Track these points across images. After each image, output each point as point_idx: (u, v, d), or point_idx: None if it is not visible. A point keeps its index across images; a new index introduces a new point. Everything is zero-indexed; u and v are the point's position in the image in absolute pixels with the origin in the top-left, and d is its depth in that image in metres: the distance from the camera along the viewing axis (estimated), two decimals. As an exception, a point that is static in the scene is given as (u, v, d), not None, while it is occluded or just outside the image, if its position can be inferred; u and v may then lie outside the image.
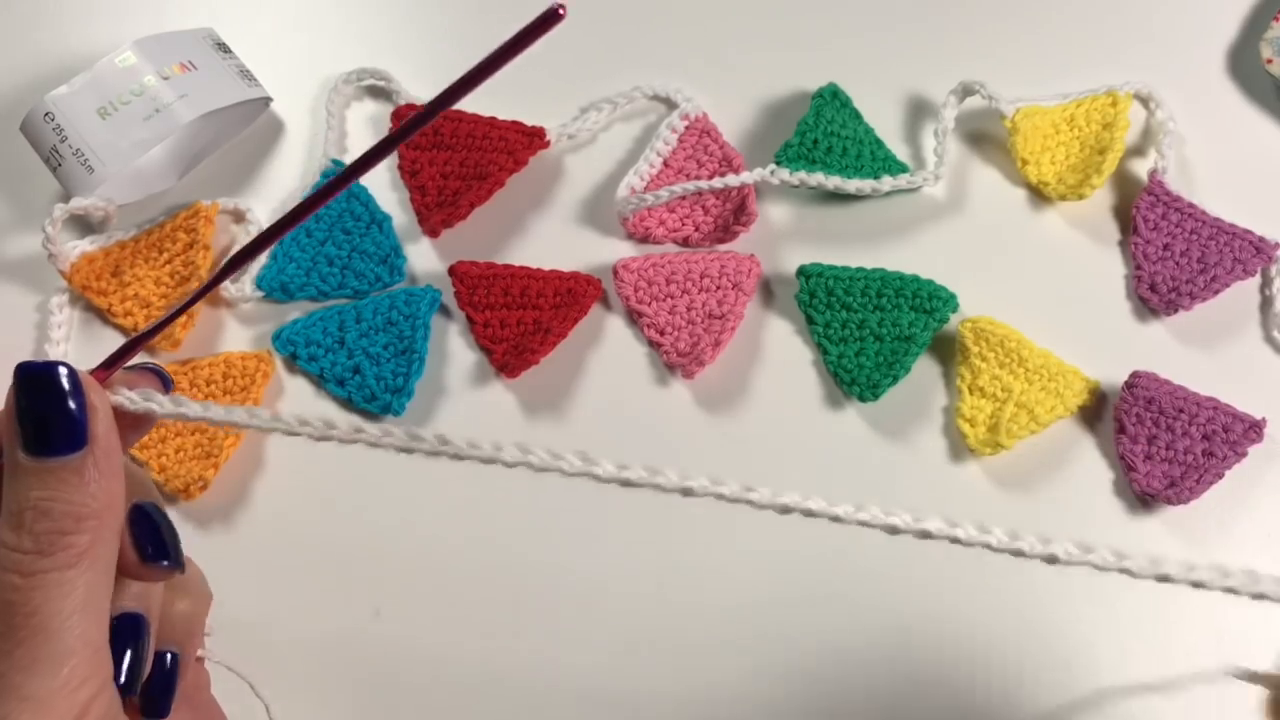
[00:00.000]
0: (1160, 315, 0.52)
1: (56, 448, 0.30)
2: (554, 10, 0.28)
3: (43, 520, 0.29)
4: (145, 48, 0.53)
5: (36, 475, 0.30)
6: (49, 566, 0.29)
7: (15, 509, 0.30)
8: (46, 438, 0.30)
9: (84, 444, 0.30)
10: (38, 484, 0.29)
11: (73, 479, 0.30)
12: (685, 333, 0.52)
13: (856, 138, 0.55)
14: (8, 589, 0.29)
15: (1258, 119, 0.56)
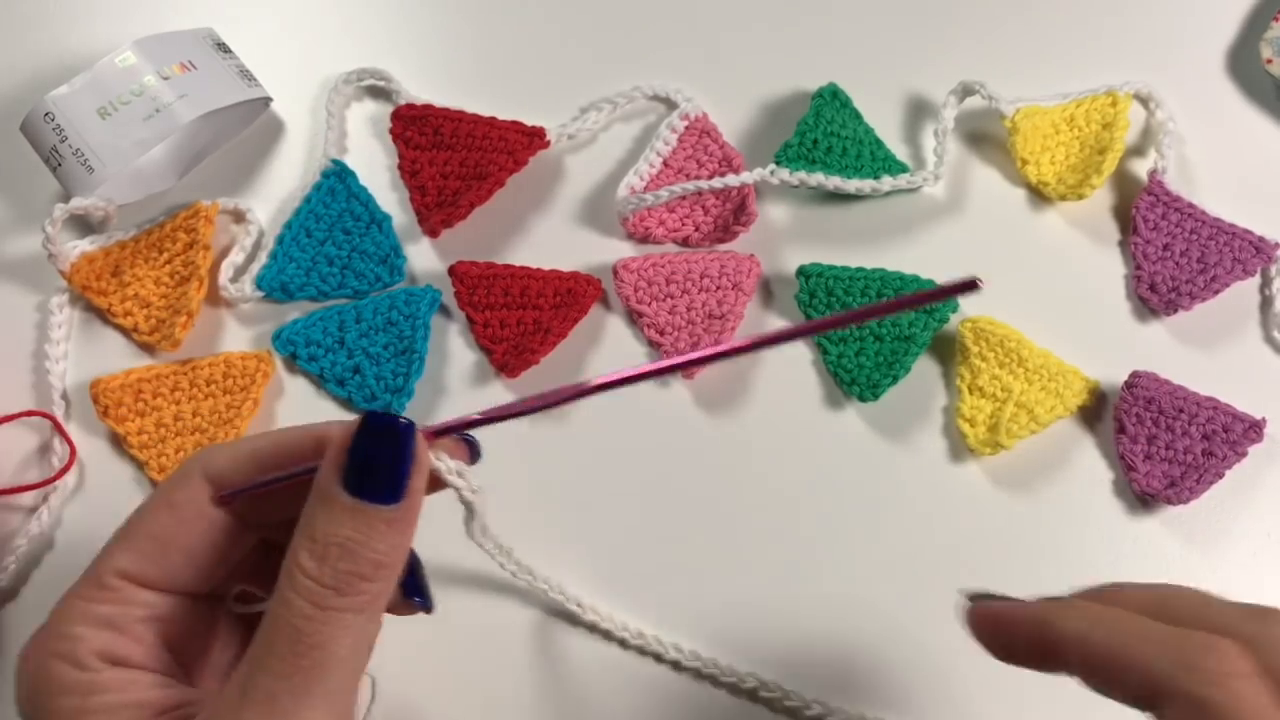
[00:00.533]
0: (1160, 315, 0.52)
1: (378, 496, 0.30)
2: (973, 280, 0.29)
3: (347, 560, 0.30)
4: (145, 48, 0.53)
5: (351, 514, 0.30)
6: (342, 606, 0.30)
7: (322, 540, 0.30)
8: (373, 484, 0.30)
9: (401, 499, 0.31)
10: (350, 523, 0.30)
11: (382, 528, 0.30)
12: (685, 333, 0.52)
13: (856, 138, 0.55)
14: (299, 615, 0.30)
15: (1258, 119, 0.56)
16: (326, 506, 0.30)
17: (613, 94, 0.56)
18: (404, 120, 0.55)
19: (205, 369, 0.51)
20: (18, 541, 0.49)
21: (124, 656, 0.31)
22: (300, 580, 0.30)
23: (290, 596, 0.30)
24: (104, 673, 0.31)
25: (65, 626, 0.31)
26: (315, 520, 0.30)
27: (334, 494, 0.30)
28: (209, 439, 0.50)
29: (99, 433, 0.51)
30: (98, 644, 0.31)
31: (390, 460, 0.31)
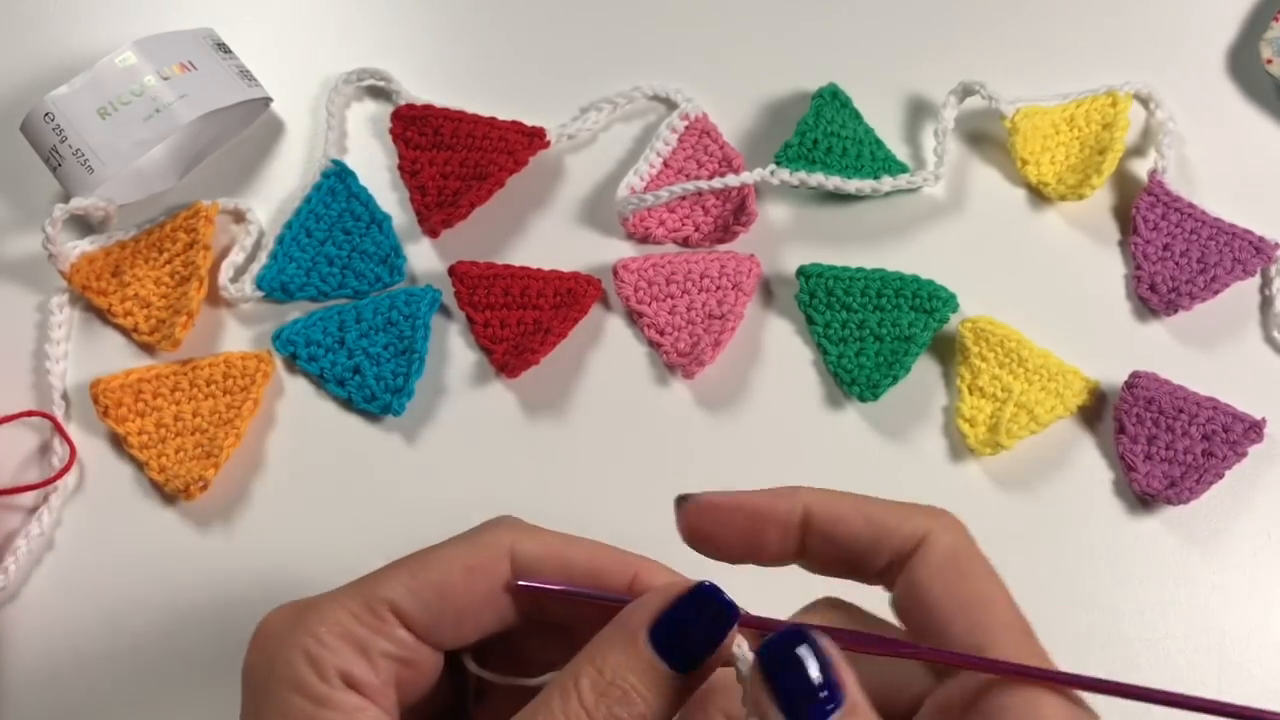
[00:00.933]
0: (1160, 315, 0.52)
1: (675, 660, 0.30)
2: None
3: (622, 707, 0.29)
4: (145, 48, 0.53)
5: (645, 666, 0.30)
6: None
7: (610, 678, 0.30)
8: (678, 649, 0.30)
9: (693, 671, 0.30)
10: (640, 674, 0.30)
11: (665, 691, 0.30)
12: (685, 333, 0.52)
13: (856, 138, 0.55)
14: None
15: (1258, 119, 0.56)
16: (627, 648, 0.30)
17: (613, 94, 0.56)
18: (404, 120, 0.55)
19: (205, 369, 0.51)
20: (18, 542, 0.49)
21: (361, 684, 0.31)
22: (574, 704, 0.29)
23: (558, 714, 0.29)
24: (339, 693, 0.30)
25: (321, 630, 0.31)
26: (610, 655, 0.30)
27: (639, 640, 0.30)
28: (209, 439, 0.50)
29: (99, 433, 0.51)
30: (342, 662, 0.31)
31: (703, 636, 0.30)
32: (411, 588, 0.32)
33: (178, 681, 0.47)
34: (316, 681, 0.30)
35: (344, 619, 0.31)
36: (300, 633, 0.31)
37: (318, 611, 0.32)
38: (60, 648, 0.48)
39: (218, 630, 0.48)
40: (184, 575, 0.49)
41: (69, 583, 0.49)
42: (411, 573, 0.32)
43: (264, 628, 0.32)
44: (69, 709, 0.47)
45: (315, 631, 0.31)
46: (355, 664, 0.31)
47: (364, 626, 0.31)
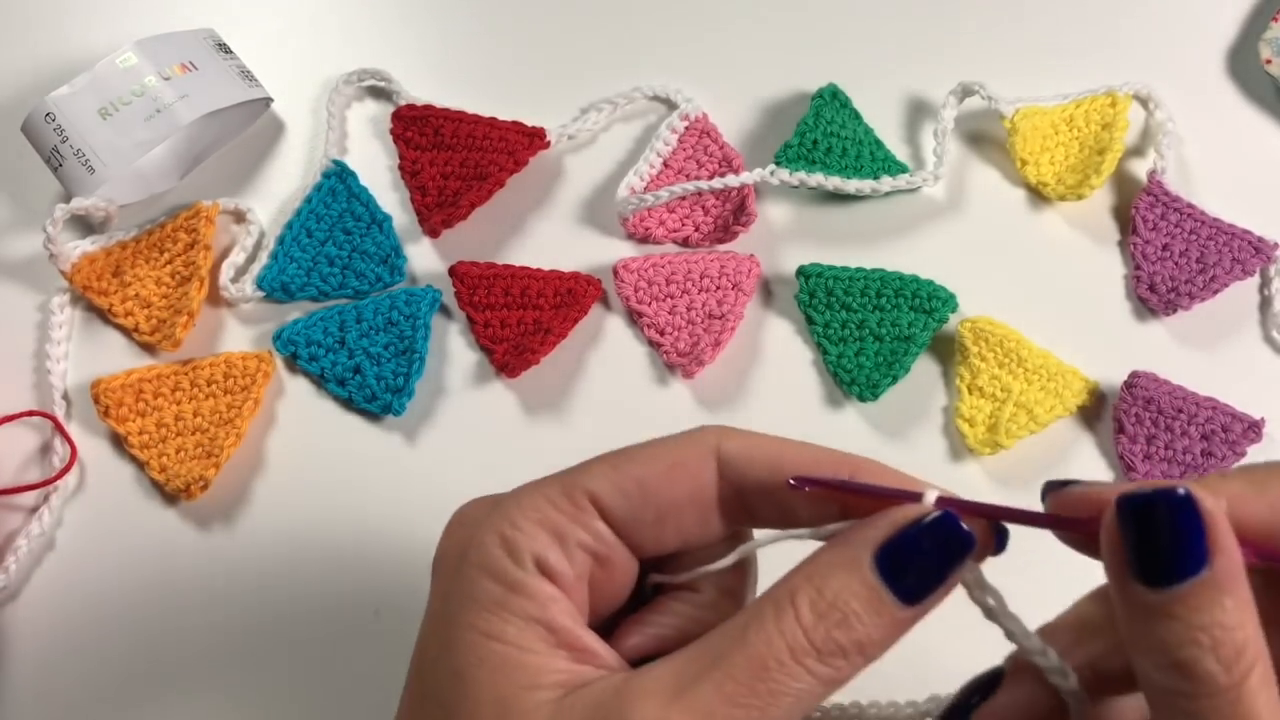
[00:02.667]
0: (1159, 315, 0.52)
1: (897, 587, 0.28)
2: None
3: (842, 631, 0.28)
4: (146, 48, 0.53)
5: (869, 592, 0.28)
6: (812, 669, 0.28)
7: (831, 600, 0.28)
8: (901, 577, 0.28)
9: (915, 604, 0.28)
10: (864, 600, 0.28)
11: (886, 619, 0.28)
12: (685, 333, 0.52)
13: (856, 138, 0.55)
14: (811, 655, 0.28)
15: (1257, 119, 0.56)
16: (851, 570, 0.28)
17: (613, 94, 0.56)
18: (404, 121, 0.55)
19: (206, 369, 0.51)
20: (19, 541, 0.49)
21: (555, 572, 0.29)
22: (790, 622, 0.28)
23: (772, 631, 0.28)
24: (533, 579, 0.29)
25: (519, 516, 0.29)
26: (834, 577, 0.28)
27: (865, 564, 0.28)
28: (209, 439, 0.50)
29: (100, 433, 0.51)
30: (538, 548, 0.29)
31: (934, 567, 0.29)
32: (613, 479, 0.30)
33: (178, 681, 0.47)
34: (510, 565, 0.29)
35: (542, 505, 0.30)
36: (497, 517, 0.30)
37: (516, 499, 0.30)
38: (60, 647, 0.48)
39: (218, 630, 0.48)
40: (184, 575, 0.49)
41: (69, 582, 0.49)
42: (614, 465, 0.31)
43: (459, 515, 0.31)
44: (69, 708, 0.47)
45: (512, 516, 0.30)
46: (551, 550, 0.29)
47: (562, 514, 0.30)
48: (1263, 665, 0.26)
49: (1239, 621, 0.26)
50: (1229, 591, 0.26)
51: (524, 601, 0.29)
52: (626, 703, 0.27)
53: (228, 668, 0.48)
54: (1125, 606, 0.27)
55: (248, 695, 0.47)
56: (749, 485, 0.31)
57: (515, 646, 0.28)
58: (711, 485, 0.31)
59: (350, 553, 0.50)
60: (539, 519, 0.30)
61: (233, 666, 0.48)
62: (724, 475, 0.31)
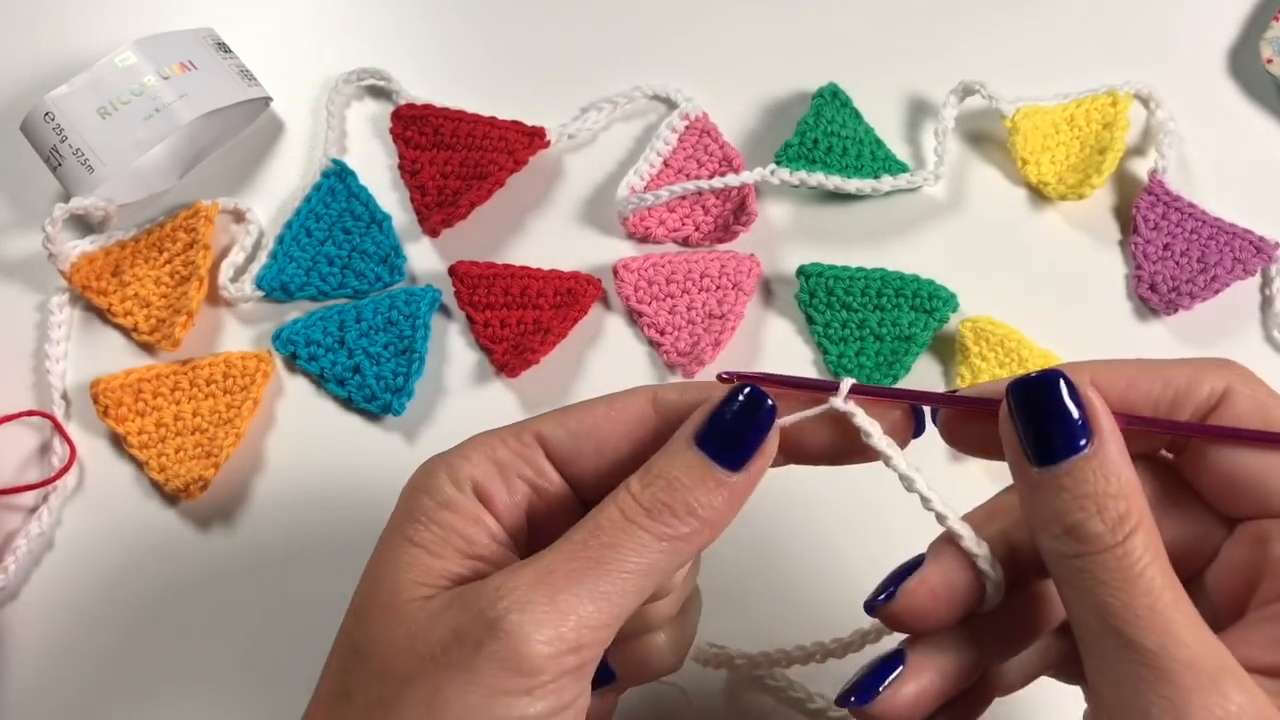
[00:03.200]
0: (1160, 315, 0.52)
1: (721, 458, 0.32)
2: None
3: (666, 492, 0.32)
4: (145, 48, 0.53)
5: (689, 462, 0.32)
6: (644, 525, 0.32)
7: (654, 472, 0.32)
8: (720, 447, 0.33)
9: (739, 470, 0.32)
10: (684, 468, 0.32)
11: (710, 484, 0.32)
12: (685, 332, 0.52)
13: (856, 137, 0.55)
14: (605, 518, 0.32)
15: (1258, 119, 0.56)
16: (673, 450, 0.33)
17: (613, 94, 0.56)
18: (404, 120, 0.55)
19: (205, 369, 0.51)
20: (18, 541, 0.49)
21: (489, 496, 0.33)
22: (620, 493, 0.32)
23: (605, 504, 0.32)
24: (465, 498, 0.32)
25: (470, 449, 0.33)
26: (659, 458, 0.33)
27: (684, 442, 0.32)
28: (209, 439, 0.50)
29: (99, 432, 0.51)
30: (478, 473, 0.33)
31: (742, 432, 0.32)
32: (559, 420, 0.34)
33: (178, 680, 0.47)
34: (448, 485, 0.33)
35: (490, 441, 0.34)
36: (452, 453, 0.33)
37: (472, 439, 0.34)
38: (60, 647, 0.48)
39: (217, 629, 0.48)
40: (184, 575, 0.49)
41: (69, 582, 0.49)
42: (562, 411, 0.34)
43: (427, 461, 0.34)
44: (69, 708, 0.47)
45: (464, 449, 0.33)
46: (491, 478, 0.33)
47: (508, 449, 0.33)
48: (1146, 528, 0.30)
49: (1119, 490, 0.30)
50: (1109, 463, 0.30)
51: (450, 515, 0.32)
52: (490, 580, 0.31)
53: (227, 667, 0.48)
54: (1023, 485, 0.32)
55: (248, 695, 0.47)
56: (678, 421, 0.34)
57: (426, 550, 0.32)
58: (648, 420, 0.34)
59: (350, 552, 0.49)
60: (486, 452, 0.33)
61: (232, 666, 0.48)
62: (659, 412, 0.34)
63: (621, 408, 0.34)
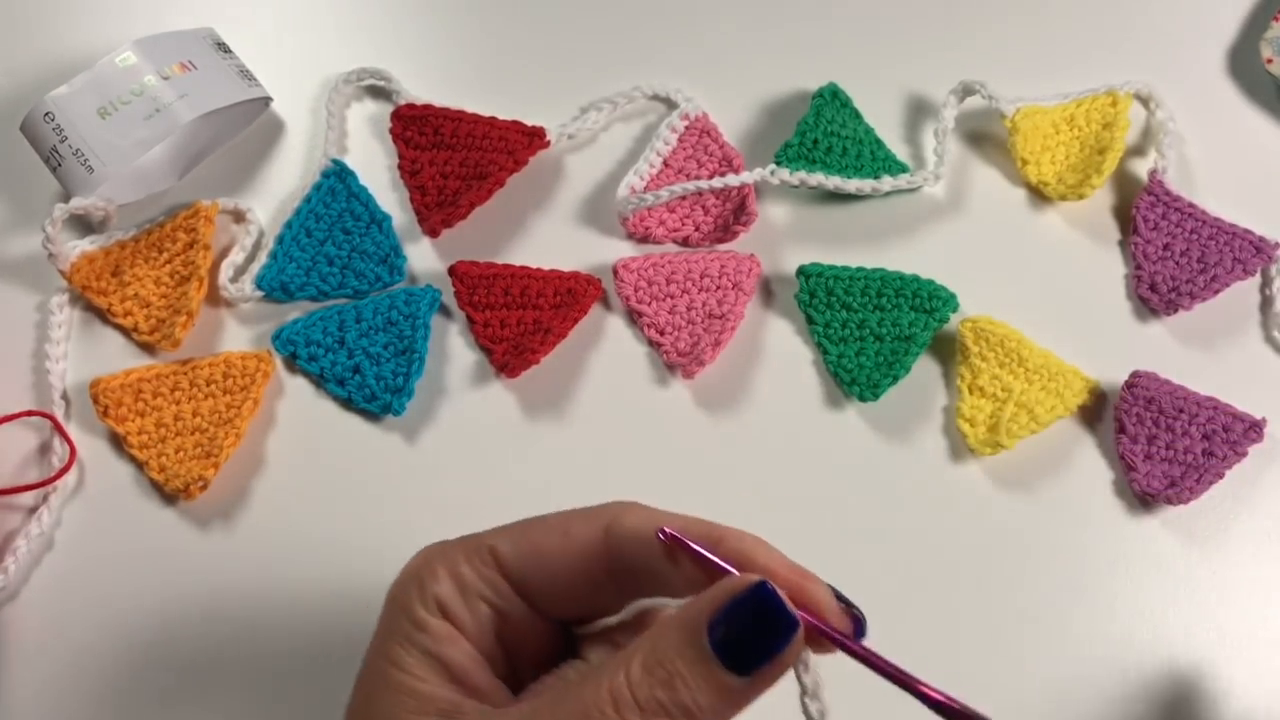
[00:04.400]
0: (1160, 315, 0.52)
1: (728, 660, 0.30)
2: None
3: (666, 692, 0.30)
4: (145, 48, 0.53)
5: (696, 658, 0.30)
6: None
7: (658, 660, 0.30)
8: (730, 649, 0.30)
9: (746, 677, 0.30)
10: (689, 664, 0.30)
11: (713, 686, 0.30)
12: (685, 332, 0.52)
13: (856, 138, 0.55)
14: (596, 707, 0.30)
15: (1258, 119, 0.56)
16: (680, 635, 0.30)
17: (613, 94, 0.56)
18: (404, 120, 0.55)
19: (205, 369, 0.51)
20: (18, 541, 0.49)
21: (456, 617, 0.33)
22: (618, 678, 0.30)
23: (600, 683, 0.30)
24: (435, 619, 0.33)
25: (437, 563, 0.34)
26: (665, 640, 0.31)
27: (695, 632, 0.30)
28: (209, 439, 0.50)
29: (99, 433, 0.51)
30: (442, 593, 0.33)
31: (757, 641, 0.30)
32: (515, 542, 0.34)
33: (177, 681, 0.47)
34: (418, 605, 0.33)
35: (456, 557, 0.34)
36: (422, 562, 0.34)
37: (442, 549, 0.34)
38: (60, 647, 0.48)
39: (217, 630, 0.48)
40: (184, 575, 0.49)
41: (69, 583, 0.49)
42: (521, 530, 0.34)
43: (414, 556, 0.35)
44: (69, 708, 0.47)
45: (432, 563, 0.34)
46: (453, 597, 0.33)
47: (469, 567, 0.33)
48: None
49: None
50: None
51: (424, 638, 0.32)
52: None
53: (227, 667, 0.48)
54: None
55: (248, 695, 0.47)
56: (629, 556, 0.33)
57: (411, 675, 0.32)
58: (599, 556, 0.33)
59: (350, 552, 0.50)
60: (449, 568, 0.33)
61: (232, 666, 0.48)
62: (610, 546, 0.33)
63: (574, 537, 0.33)
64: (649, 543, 0.33)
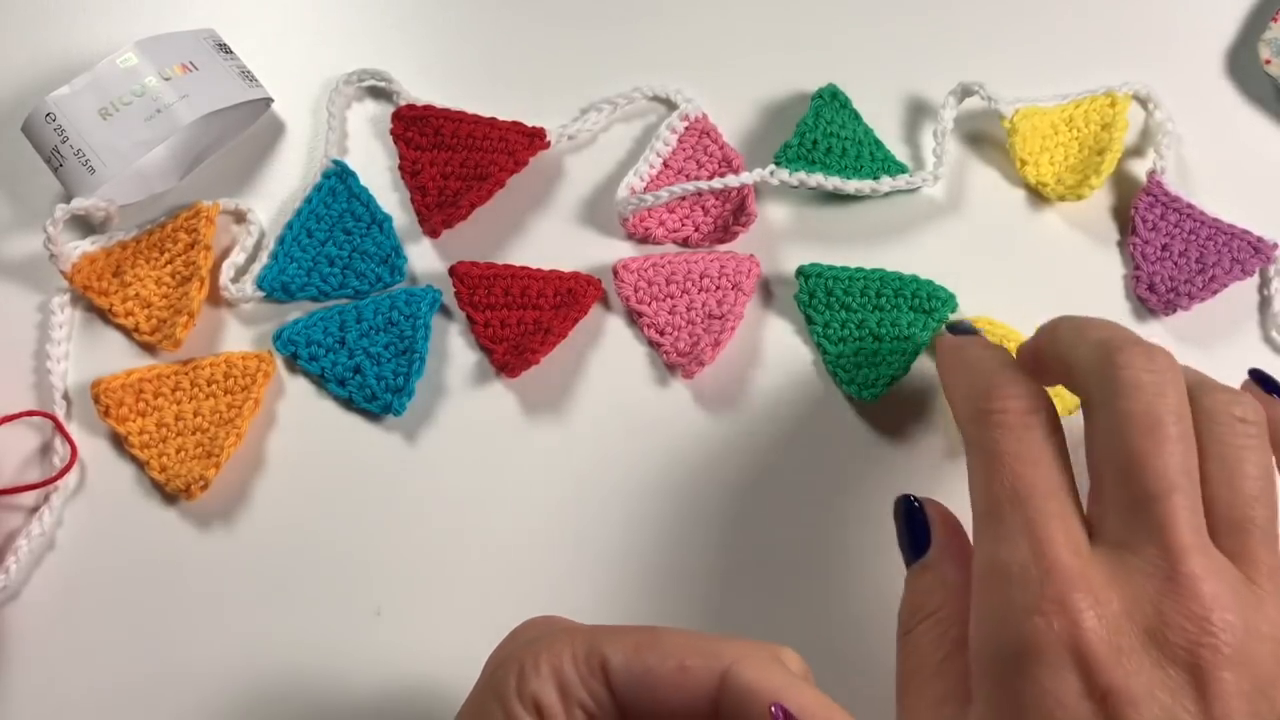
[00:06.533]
0: (1159, 315, 0.53)
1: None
2: None
3: None
4: (146, 48, 0.53)
5: None
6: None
7: None
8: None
9: None
10: None
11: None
12: (685, 333, 0.52)
13: (856, 138, 0.55)
14: None
15: (1256, 119, 0.56)
16: None
17: (613, 94, 0.56)
18: (404, 121, 0.55)
19: (206, 369, 0.51)
20: (19, 541, 0.49)
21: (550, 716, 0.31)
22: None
23: None
24: (527, 716, 0.31)
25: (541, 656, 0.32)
26: None
27: None
28: (209, 438, 0.50)
29: (100, 433, 0.51)
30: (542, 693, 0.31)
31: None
32: (628, 656, 0.32)
33: (178, 680, 0.48)
34: (514, 698, 0.31)
35: (563, 654, 0.32)
36: (527, 649, 0.32)
37: (552, 637, 0.32)
38: (61, 647, 0.48)
39: (218, 629, 0.48)
40: (184, 575, 0.49)
41: (70, 582, 0.49)
42: (639, 642, 0.32)
43: (520, 627, 0.34)
44: (69, 709, 0.47)
45: (536, 653, 0.32)
46: (551, 702, 0.31)
47: (575, 669, 0.32)
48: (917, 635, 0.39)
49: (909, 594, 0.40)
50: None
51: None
52: None
53: (227, 667, 0.48)
54: None
55: (248, 695, 0.47)
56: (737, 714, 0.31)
57: None
58: (711, 699, 0.31)
59: (350, 552, 0.50)
60: (553, 666, 0.32)
61: (232, 666, 0.48)
62: (726, 694, 0.31)
63: (691, 673, 0.31)
64: (762, 710, 0.30)
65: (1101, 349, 0.38)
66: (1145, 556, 0.35)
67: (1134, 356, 0.37)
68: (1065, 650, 0.33)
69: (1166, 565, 0.34)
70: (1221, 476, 0.37)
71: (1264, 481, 0.37)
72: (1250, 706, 0.33)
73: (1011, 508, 0.37)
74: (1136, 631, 0.34)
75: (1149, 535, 0.35)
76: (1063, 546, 0.35)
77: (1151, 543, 0.35)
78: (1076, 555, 0.35)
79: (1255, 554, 0.36)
